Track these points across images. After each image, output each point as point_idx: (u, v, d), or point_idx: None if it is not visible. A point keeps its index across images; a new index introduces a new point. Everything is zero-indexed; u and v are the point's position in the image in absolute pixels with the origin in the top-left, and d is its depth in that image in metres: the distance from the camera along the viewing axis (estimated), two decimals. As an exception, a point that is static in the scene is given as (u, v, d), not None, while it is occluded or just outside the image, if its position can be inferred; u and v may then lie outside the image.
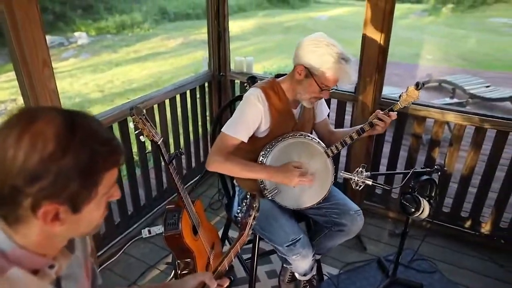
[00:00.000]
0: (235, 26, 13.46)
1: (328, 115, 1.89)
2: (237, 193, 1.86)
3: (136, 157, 2.56)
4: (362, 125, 1.59)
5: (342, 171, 1.62)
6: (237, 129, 1.57)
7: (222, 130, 1.60)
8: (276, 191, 1.65)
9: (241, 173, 1.62)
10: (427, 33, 13.10)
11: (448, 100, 4.59)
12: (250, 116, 1.56)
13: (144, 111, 1.50)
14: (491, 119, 2.10)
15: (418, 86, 1.48)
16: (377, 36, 2.10)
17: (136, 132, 1.50)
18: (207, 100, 2.89)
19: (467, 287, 2.11)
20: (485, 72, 8.04)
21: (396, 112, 1.57)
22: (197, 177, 2.94)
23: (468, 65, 9.04)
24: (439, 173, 1.73)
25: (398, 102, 1.52)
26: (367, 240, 2.43)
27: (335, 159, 2.65)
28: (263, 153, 1.62)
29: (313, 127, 1.84)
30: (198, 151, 2.95)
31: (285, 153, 1.62)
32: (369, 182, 1.57)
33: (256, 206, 1.20)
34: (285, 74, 1.68)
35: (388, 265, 2.18)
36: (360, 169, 1.57)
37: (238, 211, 1.25)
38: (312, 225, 1.93)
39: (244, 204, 1.23)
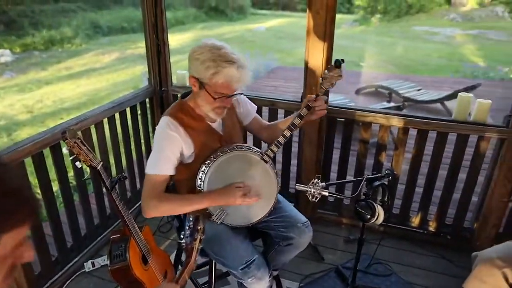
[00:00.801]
0: (173, 39, 13.15)
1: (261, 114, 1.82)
2: (187, 215, 1.73)
3: (73, 182, 2.33)
4: (293, 120, 1.49)
5: (297, 184, 1.56)
6: (159, 166, 1.46)
7: (146, 172, 1.48)
8: (224, 213, 1.55)
9: (182, 209, 1.52)
10: (359, 41, 13.88)
11: (386, 104, 4.82)
12: (168, 148, 1.46)
13: (80, 133, 1.33)
14: (432, 121, 2.19)
15: (337, 63, 1.44)
16: (320, 45, 2.11)
17: (72, 157, 1.32)
18: (149, 117, 2.72)
19: (422, 286, 2.16)
20: (414, 76, 8.65)
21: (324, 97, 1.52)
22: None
23: (398, 71, 9.67)
24: (390, 177, 1.75)
25: (322, 85, 1.44)
26: (324, 249, 2.42)
27: (285, 171, 2.65)
28: (200, 177, 1.51)
29: (245, 131, 1.77)
30: (142, 171, 2.76)
31: (222, 171, 1.52)
32: (326, 193, 1.53)
33: (200, 228, 1.13)
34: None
35: (346, 273, 2.17)
36: (316, 180, 1.52)
37: (182, 237, 1.14)
38: (267, 241, 1.86)
39: (187, 228, 1.13)
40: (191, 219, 1.15)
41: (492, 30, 15.12)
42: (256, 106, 1.78)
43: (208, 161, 1.50)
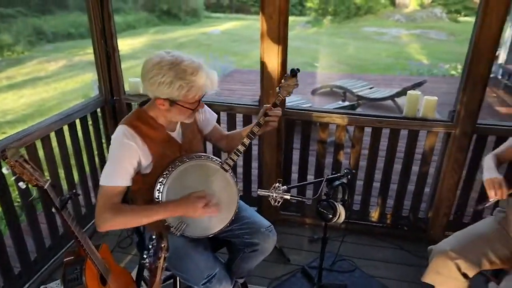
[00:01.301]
0: (124, 44, 12.81)
1: (219, 122, 1.79)
2: (147, 229, 1.67)
3: (19, 201, 2.16)
4: (252, 128, 1.50)
5: (259, 190, 1.55)
6: (115, 177, 1.38)
7: (100, 183, 1.40)
8: (183, 225, 1.50)
9: (139, 221, 1.43)
10: (312, 42, 14.22)
11: (341, 103, 4.96)
12: (125, 159, 1.39)
13: (23, 150, 1.23)
14: (384, 119, 2.27)
15: (293, 72, 1.47)
16: (275, 48, 2.12)
17: (14, 177, 1.22)
18: (101, 128, 2.60)
19: (384, 278, 2.23)
20: (366, 75, 8.99)
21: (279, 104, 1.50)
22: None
23: (351, 70, 10.01)
24: (349, 176, 1.78)
25: (280, 94, 1.46)
26: (289, 250, 2.43)
27: (246, 175, 2.64)
28: (158, 188, 1.45)
29: (205, 140, 1.74)
30: (96, 185, 2.63)
31: (181, 182, 1.47)
32: (288, 197, 1.53)
33: (164, 246, 1.08)
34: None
35: (312, 272, 2.19)
36: (277, 184, 1.52)
37: (145, 256, 1.09)
38: (231, 249, 1.83)
39: (151, 247, 1.08)
40: (154, 237, 1.10)
41: (433, 30, 16.09)
42: (216, 115, 1.75)
43: (167, 172, 1.45)
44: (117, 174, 1.38)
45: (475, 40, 1.93)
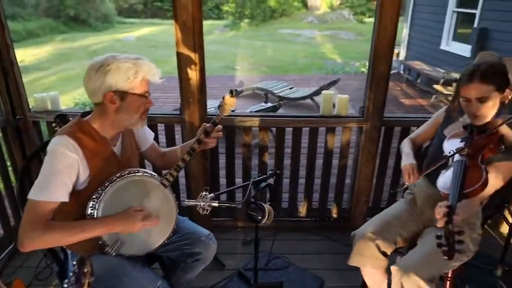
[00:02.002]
0: (28, 55, 11.71)
1: (157, 140, 1.78)
2: (69, 256, 1.54)
3: None
4: (191, 145, 1.52)
5: (186, 200, 1.53)
6: (51, 191, 1.26)
7: (29, 197, 1.26)
8: (119, 243, 1.43)
9: (72, 238, 1.31)
10: (231, 46, 14.38)
11: (264, 104, 5.09)
12: (64, 171, 1.28)
13: None
14: (302, 119, 2.39)
15: (232, 93, 1.51)
16: (192, 56, 2.10)
17: None
18: (4, 151, 2.33)
19: (317, 269, 2.33)
20: (285, 76, 9.35)
21: (219, 124, 1.56)
22: (9, 248, 2.34)
23: (270, 71, 10.33)
24: (274, 176, 1.84)
25: (219, 114, 1.51)
26: (224, 256, 2.42)
27: (174, 185, 2.58)
28: (92, 204, 1.37)
29: (141, 157, 1.70)
30: (4, 214, 2.36)
31: (118, 198, 1.41)
32: (216, 204, 1.53)
33: (88, 270, 1.01)
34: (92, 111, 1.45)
35: (248, 274, 2.22)
36: (204, 193, 1.51)
37: (66, 285, 1.01)
38: (167, 263, 1.79)
39: (72, 274, 1.01)
40: (74, 263, 1.02)
41: (343, 31, 17.30)
42: (153, 133, 1.73)
43: (102, 187, 1.37)
44: (53, 188, 1.26)
45: (375, 41, 2.12)
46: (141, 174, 1.47)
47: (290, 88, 6.46)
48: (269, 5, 19.77)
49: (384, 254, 1.69)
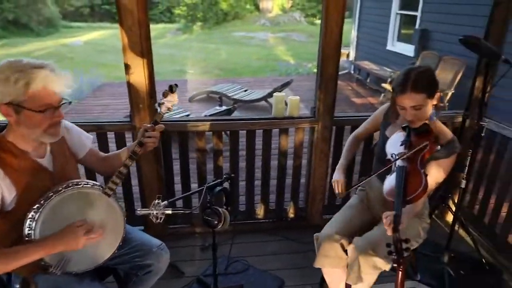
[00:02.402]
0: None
1: (108, 149, 1.71)
2: (12, 277, 1.44)
3: None
4: (133, 148, 1.45)
5: (138, 209, 1.49)
6: None
7: None
8: (64, 260, 1.35)
9: (9, 266, 1.21)
10: (185, 49, 14.21)
11: (218, 108, 5.08)
12: None
13: None
14: (256, 121, 2.41)
15: (172, 89, 1.44)
16: (140, 62, 2.05)
17: None
18: None
19: (276, 270, 2.36)
20: (240, 78, 9.38)
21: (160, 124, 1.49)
22: None
23: (225, 74, 10.33)
24: (229, 180, 1.84)
25: (160, 112, 1.43)
26: (182, 263, 2.38)
27: (128, 194, 2.50)
28: (29, 224, 1.28)
29: (79, 164, 1.61)
30: None
31: (58, 214, 1.33)
32: (169, 212, 1.49)
33: None
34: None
35: (208, 280, 2.20)
36: (157, 201, 1.48)
37: None
38: (121, 275, 1.73)
39: None
40: (17, 286, 0.95)
41: (295, 33, 17.69)
42: (91, 137, 1.62)
43: (38, 205, 1.28)
44: None
45: (322, 44, 2.19)
46: (81, 186, 1.39)
47: (245, 91, 6.50)
48: (221, 8, 19.78)
49: (346, 252, 1.74)
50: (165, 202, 1.50)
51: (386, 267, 1.59)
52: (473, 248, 2.45)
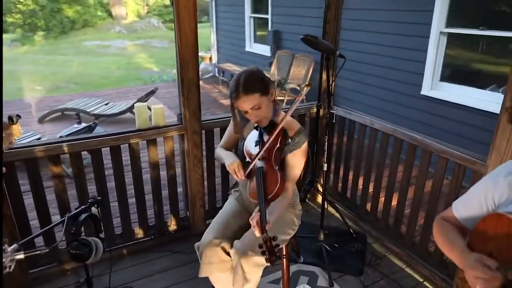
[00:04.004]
0: None
1: None
2: None
3: None
4: None
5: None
6: None
7: None
8: None
9: None
10: (27, 63, 12.44)
11: (77, 126, 4.55)
12: None
13: None
14: (120, 135, 2.22)
15: (12, 120, 1.26)
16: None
17: None
18: None
19: (168, 287, 2.24)
20: (99, 91, 8.65)
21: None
22: None
23: (81, 89, 9.39)
24: (96, 204, 1.65)
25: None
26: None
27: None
28: None
29: None
30: None
31: None
32: (21, 256, 1.26)
33: None
34: None
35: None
36: (4, 246, 1.22)
37: None
38: None
39: None
40: None
41: (155, 39, 17.23)
42: None
43: None
44: None
45: (179, 50, 2.13)
46: None
47: (106, 104, 6.00)
48: (66, 16, 17.94)
49: (229, 254, 1.72)
50: (15, 245, 1.26)
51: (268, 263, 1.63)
52: (341, 222, 2.76)
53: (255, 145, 1.64)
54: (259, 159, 1.59)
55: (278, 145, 1.61)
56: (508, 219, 1.01)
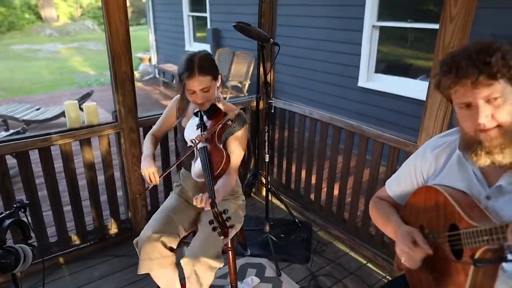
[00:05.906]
0: None
1: None
2: None
3: None
4: None
5: None
6: None
7: None
8: None
9: None
10: None
11: (4, 133, 4.20)
12: None
13: None
14: (49, 136, 2.08)
15: None
16: None
17: None
18: None
19: (108, 294, 2.13)
20: (29, 96, 8.05)
21: None
22: None
23: (9, 95, 8.67)
24: (23, 209, 1.52)
25: None
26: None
27: None
28: None
29: None
30: None
31: None
32: None
33: None
34: None
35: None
36: None
37: None
38: None
39: None
40: None
41: (90, 42, 16.40)
42: None
43: None
44: None
45: (110, 44, 2.05)
46: None
47: (37, 109, 5.60)
48: (-10, 18, 16.54)
49: (171, 249, 1.68)
50: None
51: (220, 264, 1.62)
52: (287, 212, 2.81)
53: (197, 128, 1.66)
54: (202, 142, 1.61)
55: (220, 125, 1.64)
56: (436, 190, 1.06)
